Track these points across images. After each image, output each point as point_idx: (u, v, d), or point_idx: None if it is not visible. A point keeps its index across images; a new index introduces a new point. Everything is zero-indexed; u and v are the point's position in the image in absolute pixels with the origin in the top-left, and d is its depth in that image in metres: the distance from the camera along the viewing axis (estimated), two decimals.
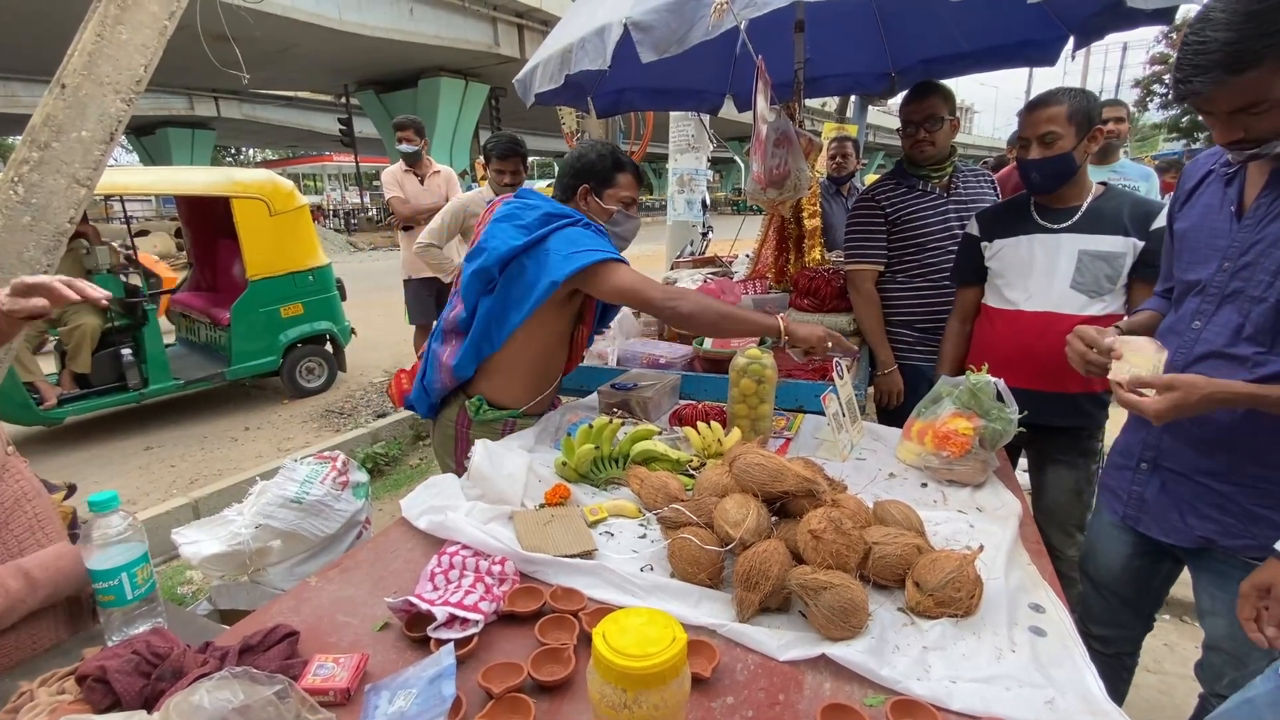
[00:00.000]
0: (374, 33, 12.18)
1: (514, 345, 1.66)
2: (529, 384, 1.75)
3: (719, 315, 1.58)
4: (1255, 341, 1.19)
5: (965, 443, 1.48)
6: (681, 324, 1.60)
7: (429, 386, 1.80)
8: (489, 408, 1.72)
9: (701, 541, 1.09)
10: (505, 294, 1.61)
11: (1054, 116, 1.70)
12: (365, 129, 19.99)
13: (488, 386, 1.72)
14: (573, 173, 1.75)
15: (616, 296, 1.60)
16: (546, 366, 1.78)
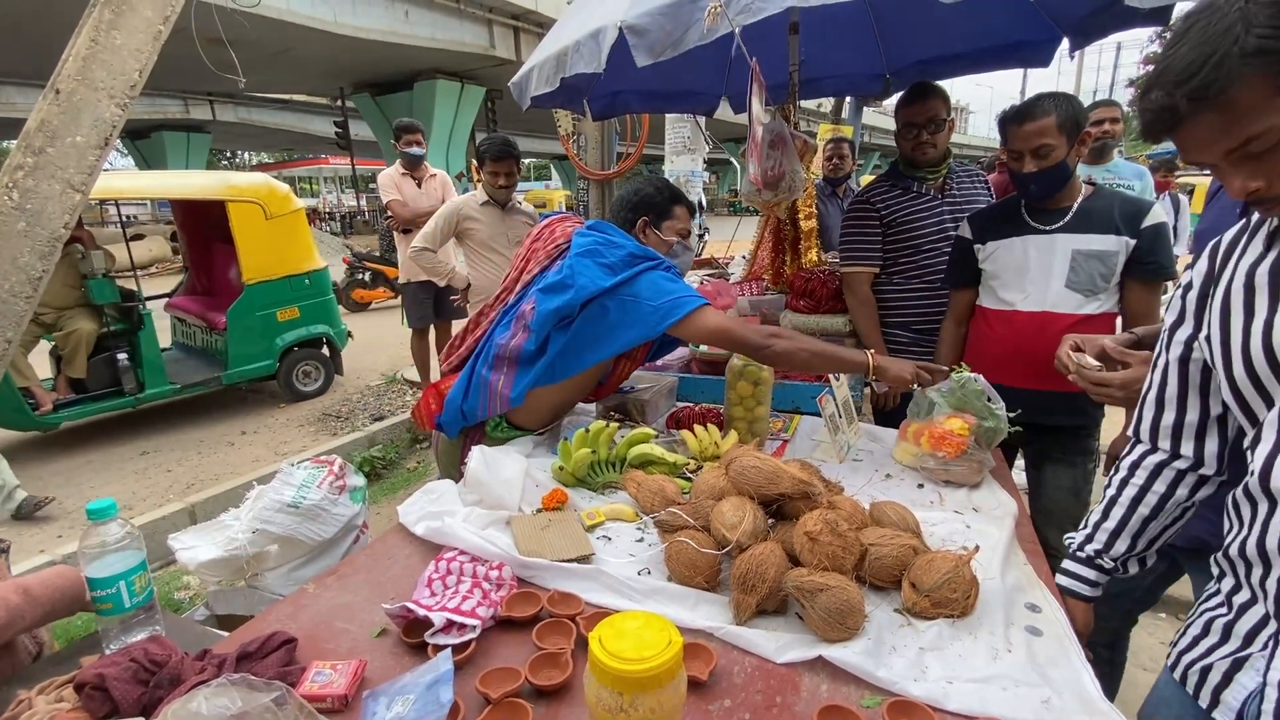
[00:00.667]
0: (369, 35, 12.16)
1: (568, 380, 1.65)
2: (554, 411, 1.77)
3: (811, 354, 1.56)
4: None
5: (961, 443, 1.48)
6: (775, 363, 1.58)
7: (469, 410, 1.72)
8: (508, 427, 1.73)
9: (698, 544, 1.10)
10: (582, 332, 1.57)
11: (1045, 129, 1.70)
12: (361, 132, 19.95)
13: (520, 411, 1.70)
14: (632, 206, 1.77)
15: (708, 339, 1.59)
16: (576, 398, 1.80)
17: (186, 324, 5.58)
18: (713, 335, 1.55)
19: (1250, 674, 0.85)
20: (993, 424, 1.51)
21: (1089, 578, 1.13)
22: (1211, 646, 0.92)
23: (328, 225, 25.66)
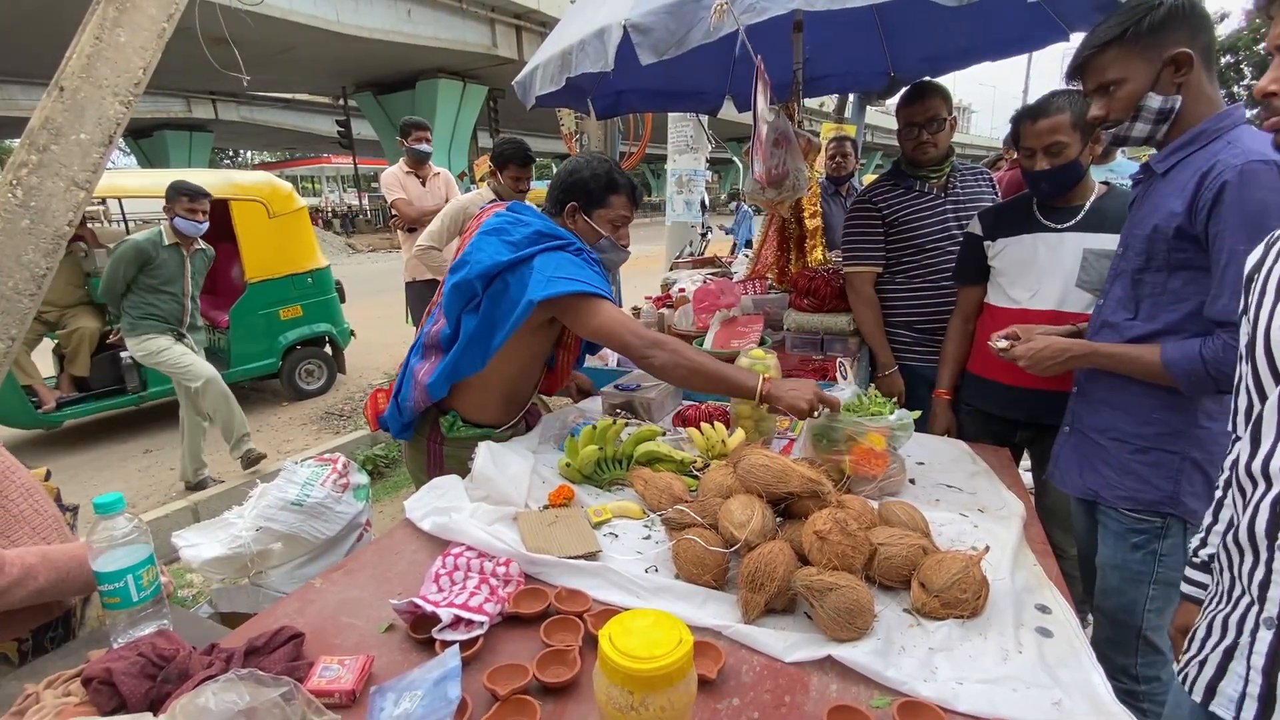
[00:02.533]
0: (372, 34, 12.18)
1: (490, 367, 1.59)
2: (503, 403, 1.71)
3: (691, 371, 1.45)
4: (1125, 309, 1.35)
5: (885, 457, 1.43)
6: (654, 375, 1.50)
7: (403, 405, 1.70)
8: (464, 424, 1.66)
9: (706, 543, 1.09)
10: (490, 313, 1.53)
11: (1058, 126, 1.69)
12: (363, 131, 19.98)
13: (462, 404, 1.66)
14: (564, 187, 1.65)
15: (592, 334, 1.52)
16: (521, 387, 1.73)
17: None
18: (597, 331, 1.48)
19: (1240, 661, 0.86)
20: (899, 430, 1.45)
21: (1204, 582, 1.11)
22: (1204, 640, 0.94)
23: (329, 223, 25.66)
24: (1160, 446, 1.33)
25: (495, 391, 1.67)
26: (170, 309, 3.72)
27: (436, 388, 1.59)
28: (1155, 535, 1.34)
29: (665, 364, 1.44)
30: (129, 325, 3.69)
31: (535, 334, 1.60)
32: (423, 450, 1.73)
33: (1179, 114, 1.25)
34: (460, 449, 1.63)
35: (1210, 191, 1.17)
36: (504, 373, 1.63)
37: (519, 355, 1.62)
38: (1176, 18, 1.21)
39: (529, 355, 1.66)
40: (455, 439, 1.66)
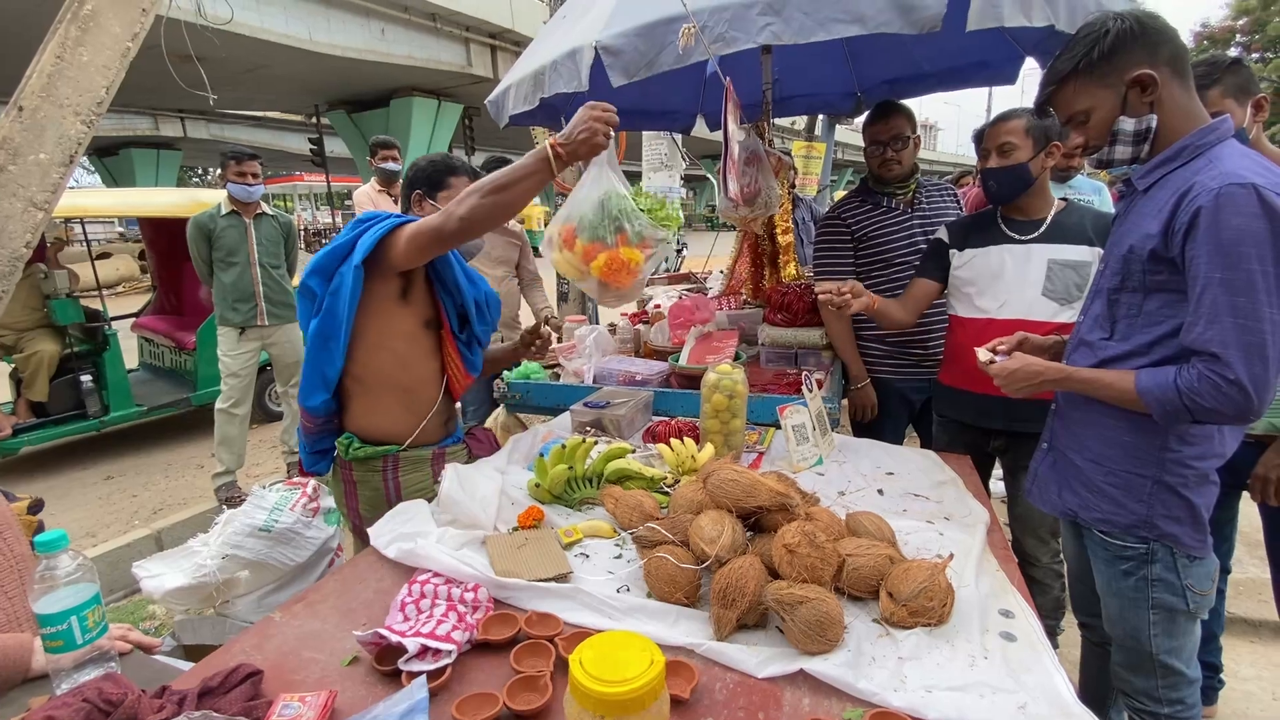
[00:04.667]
0: (345, 53, 12.13)
1: (360, 362, 1.55)
2: (399, 409, 1.61)
3: (488, 190, 1.35)
4: (1101, 328, 1.35)
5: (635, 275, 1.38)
6: (470, 229, 1.39)
7: (301, 436, 1.66)
8: (361, 444, 1.59)
9: (677, 560, 1.09)
10: (333, 306, 1.50)
11: (1012, 129, 1.81)
12: (336, 149, 19.80)
13: (354, 420, 1.61)
14: (408, 181, 1.73)
15: (415, 249, 1.46)
16: (412, 385, 1.62)
17: (154, 344, 5.44)
18: (415, 241, 1.45)
19: None
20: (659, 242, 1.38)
21: None
22: None
23: (301, 242, 25.28)
24: (1130, 469, 1.31)
25: (382, 396, 1.59)
26: (240, 282, 3.68)
27: (308, 397, 1.55)
28: (1142, 561, 1.33)
29: (468, 208, 1.36)
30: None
31: (390, 311, 1.55)
32: (339, 480, 1.66)
33: (1158, 131, 1.24)
34: (368, 472, 1.59)
35: (1186, 215, 1.15)
36: (378, 368, 1.57)
37: (386, 343, 1.56)
38: (1127, 41, 1.21)
39: (400, 342, 1.57)
40: (359, 460, 1.59)
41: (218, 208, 3.69)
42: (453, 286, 1.64)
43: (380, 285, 1.52)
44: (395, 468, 1.61)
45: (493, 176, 1.37)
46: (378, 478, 1.60)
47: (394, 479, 1.61)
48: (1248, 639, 2.38)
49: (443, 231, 1.41)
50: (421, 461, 1.64)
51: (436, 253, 1.51)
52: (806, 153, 4.51)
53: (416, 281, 1.59)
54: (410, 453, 1.62)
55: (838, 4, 1.69)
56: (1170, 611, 1.34)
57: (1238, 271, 1.10)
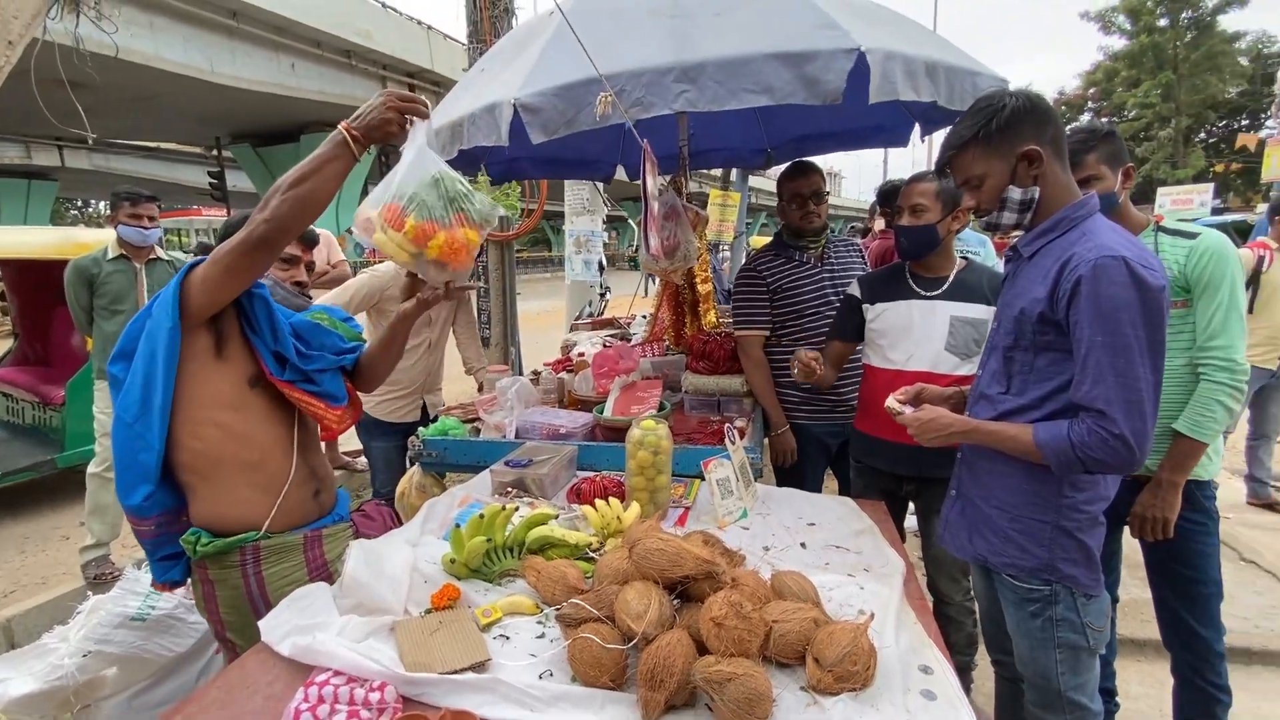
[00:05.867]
0: (251, 86, 11.62)
1: (184, 446, 1.34)
2: (246, 490, 1.39)
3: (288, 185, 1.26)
4: (998, 382, 1.46)
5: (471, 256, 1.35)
6: (278, 231, 1.27)
7: (144, 544, 1.43)
8: (211, 537, 1.37)
9: (603, 639, 1.04)
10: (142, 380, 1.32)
11: (924, 191, 1.95)
12: (240, 183, 18.77)
13: (198, 512, 1.39)
14: (219, 237, 1.51)
15: (218, 276, 1.30)
16: (255, 459, 1.40)
17: (13, 399, 4.83)
18: (211, 272, 1.30)
19: None
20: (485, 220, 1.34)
21: None
22: None
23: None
24: (1032, 515, 1.40)
25: (222, 479, 1.37)
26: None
27: (129, 496, 1.33)
28: (1047, 602, 1.41)
29: (273, 210, 1.26)
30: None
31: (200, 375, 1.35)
32: (196, 582, 1.44)
33: (1039, 202, 1.38)
34: (224, 569, 1.38)
35: (1069, 283, 1.28)
36: (209, 448, 1.35)
37: (207, 414, 1.35)
38: (1020, 116, 1.35)
39: (223, 412, 1.36)
40: (211, 556, 1.37)
41: (104, 251, 3.35)
42: (261, 325, 1.42)
43: (189, 346, 1.32)
44: (256, 560, 1.39)
45: (291, 171, 1.28)
46: (236, 574, 1.38)
47: (255, 573, 1.39)
48: (1135, 658, 2.56)
49: (248, 242, 1.27)
50: (289, 549, 1.43)
51: (247, 273, 1.32)
52: (723, 201, 4.69)
53: (230, 333, 1.38)
54: (273, 540, 1.41)
55: (748, 76, 1.78)
56: (1074, 650, 1.42)
57: (1116, 336, 1.23)
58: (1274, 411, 3.74)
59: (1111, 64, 31.15)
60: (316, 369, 1.48)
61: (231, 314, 1.39)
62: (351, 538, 1.55)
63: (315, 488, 1.52)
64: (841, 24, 1.87)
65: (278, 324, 1.44)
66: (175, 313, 1.30)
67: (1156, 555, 1.86)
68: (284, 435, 1.45)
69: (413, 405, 2.93)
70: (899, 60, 1.82)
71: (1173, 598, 1.85)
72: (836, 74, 1.77)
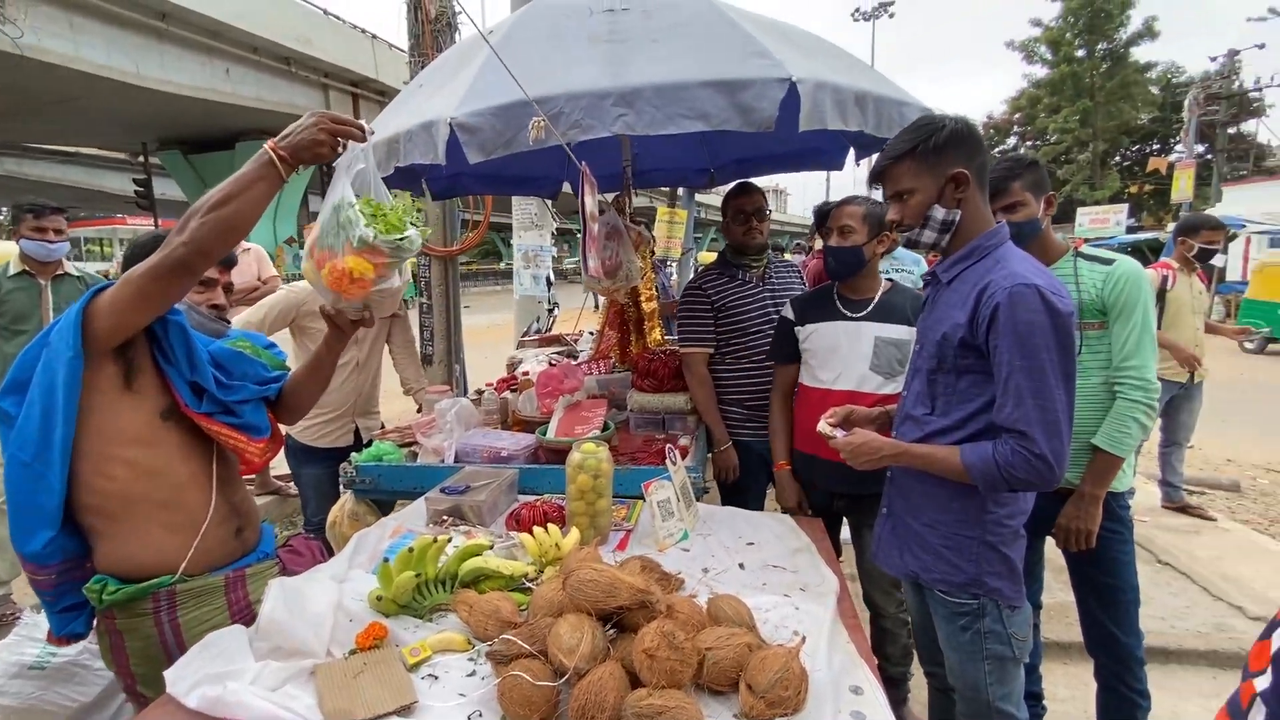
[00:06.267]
0: (181, 90, 11.08)
1: (88, 487, 1.25)
2: (159, 532, 1.29)
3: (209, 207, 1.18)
4: (923, 404, 1.52)
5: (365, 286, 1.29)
6: (196, 256, 1.19)
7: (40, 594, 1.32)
8: (118, 585, 1.26)
9: (534, 676, 1.02)
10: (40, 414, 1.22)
11: (853, 214, 2.03)
12: (169, 191, 17.86)
13: (104, 558, 1.28)
14: (127, 258, 1.44)
15: (128, 301, 1.21)
16: (168, 497, 1.31)
17: None
18: (117, 299, 1.21)
19: None
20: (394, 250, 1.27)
21: None
22: None
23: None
24: (959, 532, 1.46)
25: (131, 521, 1.28)
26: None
27: (26, 544, 1.23)
28: (976, 616, 1.47)
29: (192, 234, 1.17)
30: None
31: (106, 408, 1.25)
32: (102, 633, 1.34)
33: (959, 226, 1.45)
34: (134, 617, 1.28)
35: (987, 309, 1.35)
36: (116, 487, 1.26)
37: (114, 450, 1.25)
38: (956, 140, 1.42)
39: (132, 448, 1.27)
40: (120, 604, 1.27)
41: (4, 267, 3.12)
42: (176, 354, 1.32)
43: (93, 377, 1.22)
44: (171, 605, 1.29)
45: (213, 192, 1.19)
46: (148, 622, 1.28)
47: (171, 620, 1.29)
48: (1060, 661, 2.68)
49: (163, 266, 1.18)
50: (208, 592, 1.34)
51: (160, 300, 1.24)
52: (670, 218, 4.75)
53: (141, 362, 1.28)
54: (191, 583, 1.31)
55: (685, 102, 1.81)
56: (1001, 660, 1.48)
57: (1033, 360, 1.31)
58: (1184, 420, 4.00)
59: (1035, 91, 33.27)
60: (238, 400, 1.40)
61: (143, 342, 1.30)
62: (276, 575, 1.47)
63: (237, 525, 1.43)
64: (774, 54, 1.93)
65: (195, 353, 1.35)
66: (77, 340, 1.20)
67: (1078, 563, 1.95)
68: (201, 470, 1.36)
69: (344, 429, 2.81)
70: (829, 90, 1.88)
71: (1095, 605, 1.94)
72: (769, 102, 1.82)
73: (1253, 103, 26.85)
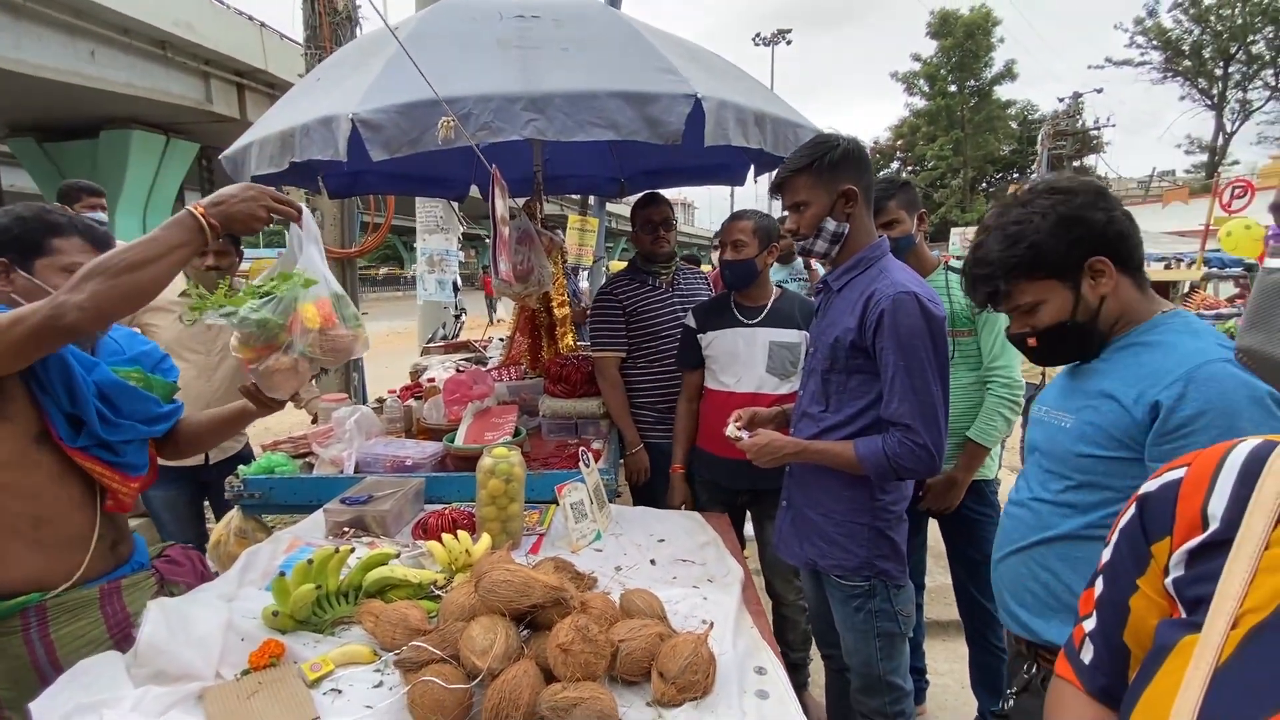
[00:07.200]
0: (38, 72, 9.79)
1: None
2: (29, 550, 1.21)
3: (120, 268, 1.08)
4: (818, 402, 1.65)
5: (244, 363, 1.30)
6: (93, 323, 1.10)
7: None
8: None
9: (446, 680, 1.01)
10: None
11: (744, 229, 2.15)
12: (19, 182, 15.74)
13: None
14: None
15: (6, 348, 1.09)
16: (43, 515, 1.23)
17: None
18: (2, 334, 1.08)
19: None
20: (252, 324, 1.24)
21: None
22: None
23: None
24: (851, 519, 1.59)
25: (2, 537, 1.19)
26: None
27: None
28: (867, 596, 1.60)
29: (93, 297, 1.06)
30: None
31: None
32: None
33: (847, 239, 1.58)
34: (5, 634, 1.19)
35: (874, 315, 1.49)
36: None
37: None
38: (849, 158, 1.55)
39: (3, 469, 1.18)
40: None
41: None
42: (55, 383, 1.22)
43: None
44: (42, 622, 1.21)
45: (125, 251, 1.10)
46: (17, 641, 1.19)
47: (42, 638, 1.21)
48: (940, 638, 2.93)
49: (50, 326, 1.07)
50: (83, 605, 1.26)
51: (36, 356, 1.15)
52: (581, 226, 4.77)
53: (11, 391, 1.19)
54: (63, 597, 1.23)
55: (594, 111, 1.85)
56: (890, 636, 1.62)
57: (913, 359, 1.46)
58: None
59: (915, 120, 36.37)
60: (121, 440, 1.31)
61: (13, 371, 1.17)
62: (155, 585, 1.39)
63: (113, 539, 1.35)
64: (680, 70, 2.01)
65: (75, 384, 1.24)
66: None
67: (954, 542, 2.20)
68: (79, 491, 1.28)
69: None
70: (731, 109, 1.99)
71: (965, 577, 2.20)
72: (677, 117, 1.89)
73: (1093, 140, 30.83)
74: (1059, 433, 1.19)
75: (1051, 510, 1.18)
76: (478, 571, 1.18)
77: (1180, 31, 28.73)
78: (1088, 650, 0.70)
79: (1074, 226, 1.12)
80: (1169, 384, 1.02)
